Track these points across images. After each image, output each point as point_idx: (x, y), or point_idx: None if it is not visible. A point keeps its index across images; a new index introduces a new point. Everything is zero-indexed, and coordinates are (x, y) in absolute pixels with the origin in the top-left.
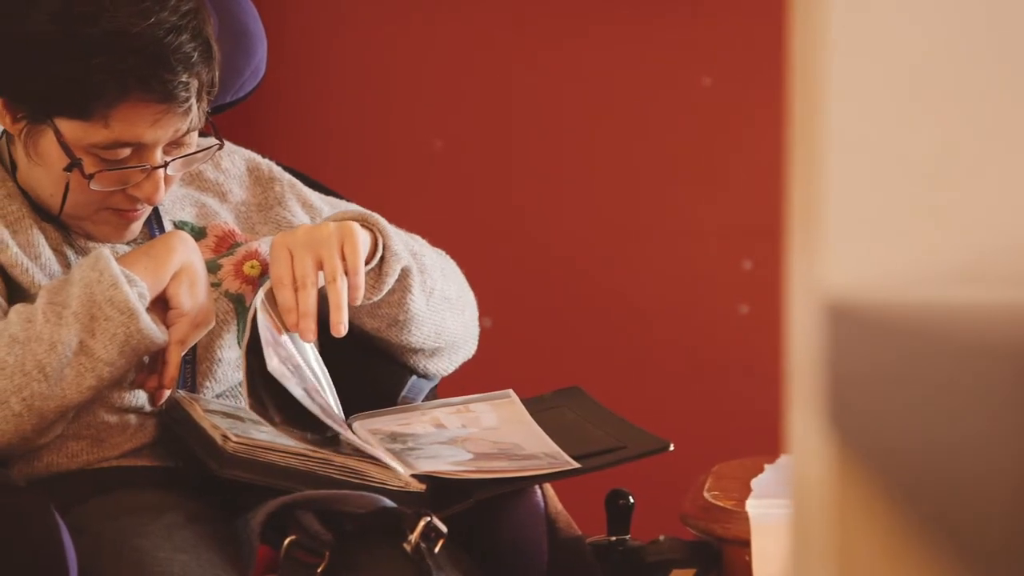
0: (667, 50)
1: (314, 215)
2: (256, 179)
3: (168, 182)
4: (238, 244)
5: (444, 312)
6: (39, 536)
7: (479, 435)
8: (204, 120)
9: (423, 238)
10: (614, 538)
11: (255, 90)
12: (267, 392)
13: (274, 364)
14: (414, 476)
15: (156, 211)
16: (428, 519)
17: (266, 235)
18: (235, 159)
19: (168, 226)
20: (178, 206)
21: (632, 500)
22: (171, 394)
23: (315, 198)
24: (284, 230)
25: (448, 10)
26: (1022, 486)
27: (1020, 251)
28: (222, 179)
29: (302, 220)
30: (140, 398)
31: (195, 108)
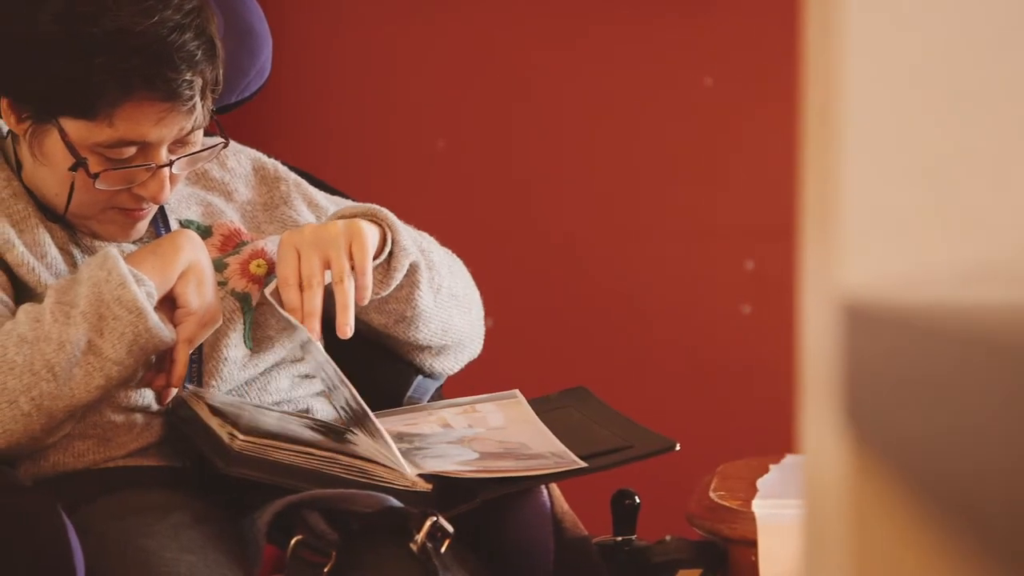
0: (669, 50)
1: (320, 214)
2: (262, 178)
3: (173, 181)
4: (244, 243)
5: (451, 309)
6: (46, 536)
7: (486, 435)
8: (209, 119)
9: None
10: (620, 538)
11: (260, 90)
12: None
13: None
14: (420, 476)
15: (162, 210)
16: (434, 519)
17: (272, 234)
18: (241, 158)
19: (174, 225)
20: (184, 205)
21: (638, 500)
22: (177, 392)
23: (321, 197)
24: (290, 229)
25: (451, 10)
26: None
27: None
28: (228, 178)
29: (308, 219)
30: (146, 397)
31: (199, 106)
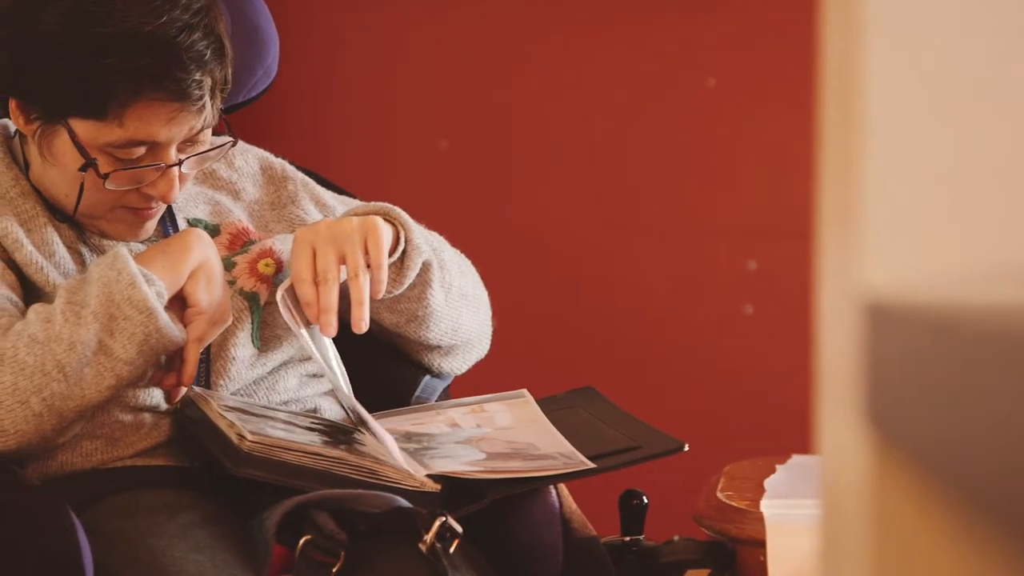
0: (672, 51)
1: (327, 213)
2: (269, 178)
3: (183, 180)
4: (252, 242)
5: (461, 309)
6: (55, 536)
7: (494, 435)
8: (217, 118)
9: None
10: (628, 538)
11: (267, 89)
12: None
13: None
14: (429, 476)
15: (170, 209)
16: (443, 519)
17: (279, 233)
18: (248, 158)
19: (182, 224)
20: (192, 204)
21: (646, 500)
22: (186, 391)
23: (328, 197)
24: (297, 228)
25: (454, 10)
26: None
27: None
28: (235, 178)
29: (315, 219)
30: (155, 397)
31: (209, 106)
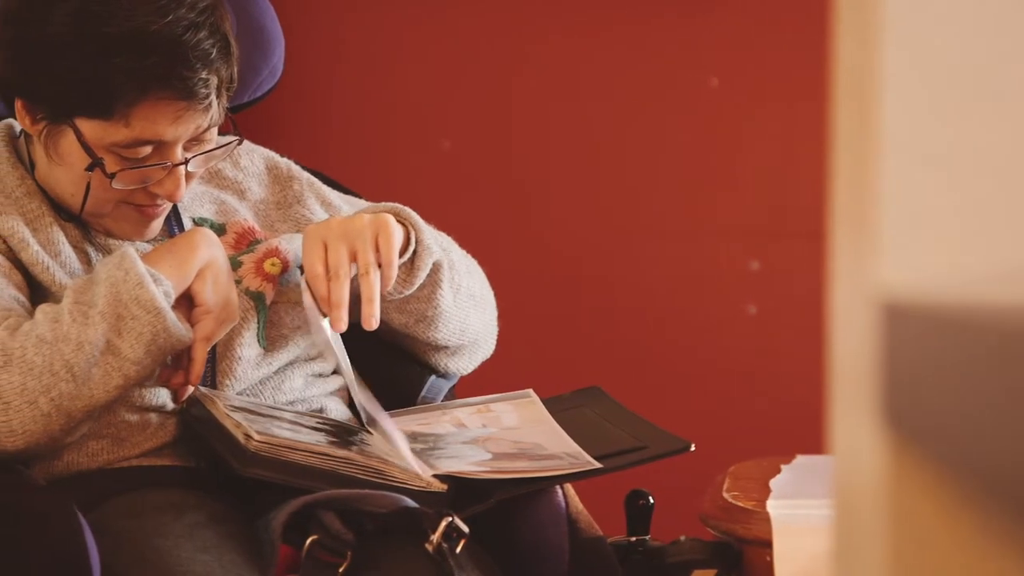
0: (675, 51)
1: (333, 213)
2: (275, 177)
3: (189, 179)
4: (258, 241)
5: (469, 309)
6: (61, 535)
7: (500, 435)
8: (223, 116)
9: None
10: (634, 538)
11: (273, 89)
12: None
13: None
14: (435, 476)
15: (176, 208)
16: (450, 519)
17: (285, 233)
18: (254, 157)
19: (187, 223)
20: (197, 203)
21: (652, 500)
22: (193, 391)
23: (334, 196)
24: (303, 228)
25: (456, 10)
26: None
27: None
28: (241, 177)
29: (321, 218)
30: (161, 397)
31: (215, 104)
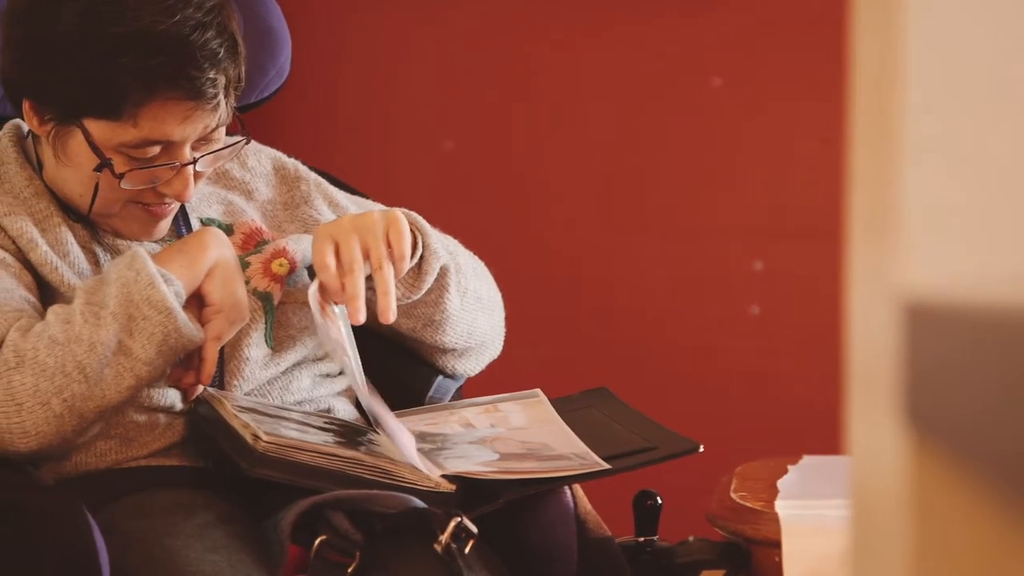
0: (677, 50)
1: (340, 214)
2: (282, 178)
3: (197, 178)
4: (265, 242)
5: (476, 312)
6: (71, 535)
7: (508, 435)
8: (231, 116)
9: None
10: (642, 539)
11: (280, 89)
12: None
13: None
14: (444, 476)
15: (183, 209)
16: (458, 519)
17: (293, 233)
18: (261, 158)
19: (195, 224)
20: (205, 204)
21: (660, 501)
22: (201, 391)
23: (341, 197)
24: (311, 229)
25: (458, 11)
26: None
27: None
28: (248, 177)
29: (328, 218)
30: (169, 397)
31: (223, 104)
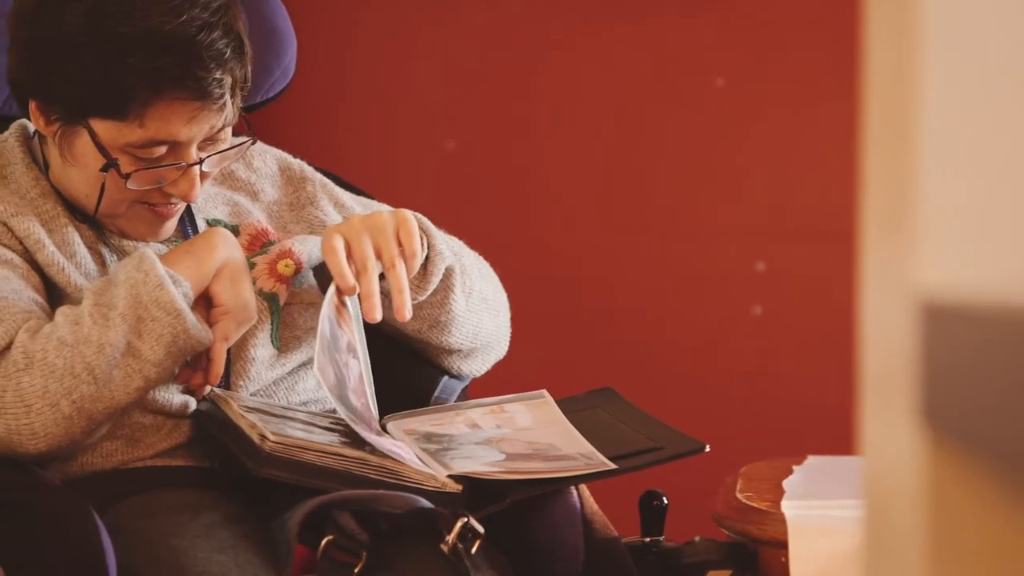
0: (680, 51)
1: (346, 215)
2: (288, 178)
3: (203, 179)
4: (271, 243)
5: (482, 313)
6: (78, 536)
7: (514, 435)
8: (238, 116)
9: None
10: (648, 539)
11: (285, 90)
12: None
13: (321, 363)
14: (450, 477)
15: (189, 210)
16: (465, 520)
17: (298, 234)
18: (267, 158)
19: (201, 225)
20: (211, 204)
21: (666, 501)
22: (208, 391)
23: (347, 198)
24: (317, 229)
25: (461, 10)
26: None
27: None
28: (254, 178)
29: (334, 219)
30: (175, 398)
31: (229, 104)
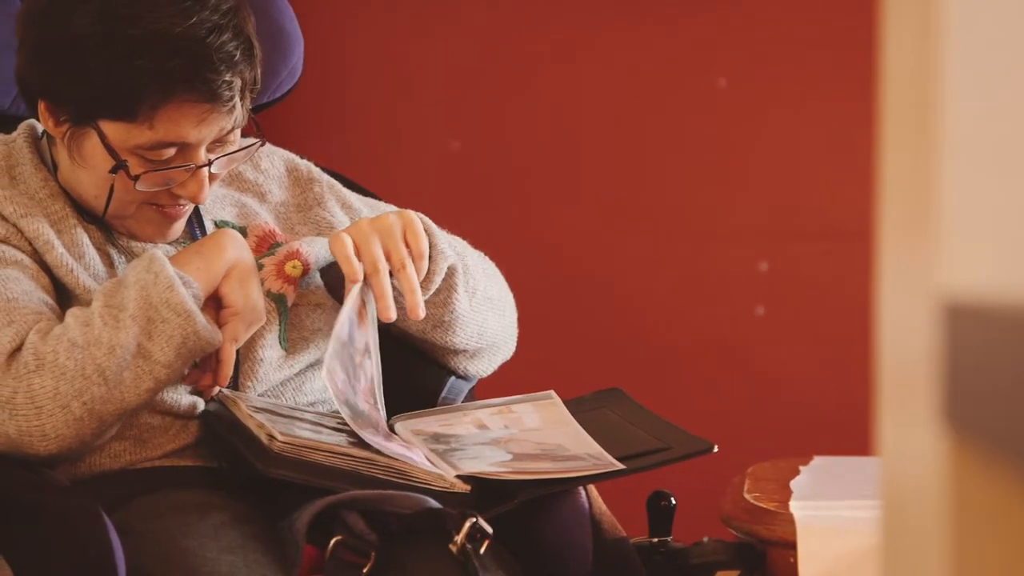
0: (683, 51)
1: (353, 216)
2: (295, 180)
3: (212, 180)
4: (278, 244)
5: (487, 312)
6: (88, 536)
7: (521, 436)
8: (247, 118)
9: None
10: (656, 539)
11: (292, 90)
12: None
13: (331, 365)
14: (458, 477)
15: (197, 211)
16: (473, 520)
17: (306, 235)
18: (274, 160)
19: (209, 226)
20: (218, 206)
21: (674, 501)
22: (217, 392)
23: (354, 199)
24: (324, 230)
25: (464, 11)
26: None
27: None
28: (261, 180)
29: (341, 220)
30: (183, 399)
31: (239, 106)
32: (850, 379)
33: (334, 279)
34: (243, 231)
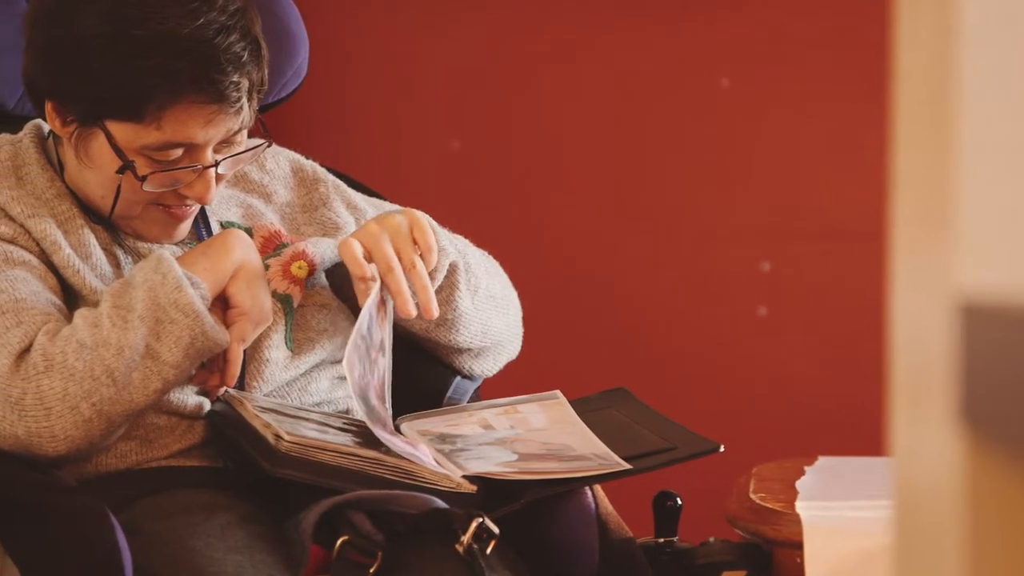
0: (685, 51)
1: (358, 216)
2: (300, 180)
3: (219, 181)
4: (284, 245)
5: (490, 311)
6: (95, 536)
7: (527, 436)
8: (254, 119)
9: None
10: (662, 540)
11: (297, 90)
12: None
13: (351, 358)
14: (465, 477)
15: (203, 211)
16: (480, 520)
17: (311, 236)
18: (279, 160)
19: (215, 227)
20: (224, 206)
21: (680, 501)
22: (223, 392)
23: (359, 199)
24: (329, 231)
25: (468, 12)
26: None
27: None
28: (267, 180)
29: (347, 221)
30: (190, 399)
31: (246, 107)
32: (854, 379)
33: (340, 279)
34: (249, 232)
